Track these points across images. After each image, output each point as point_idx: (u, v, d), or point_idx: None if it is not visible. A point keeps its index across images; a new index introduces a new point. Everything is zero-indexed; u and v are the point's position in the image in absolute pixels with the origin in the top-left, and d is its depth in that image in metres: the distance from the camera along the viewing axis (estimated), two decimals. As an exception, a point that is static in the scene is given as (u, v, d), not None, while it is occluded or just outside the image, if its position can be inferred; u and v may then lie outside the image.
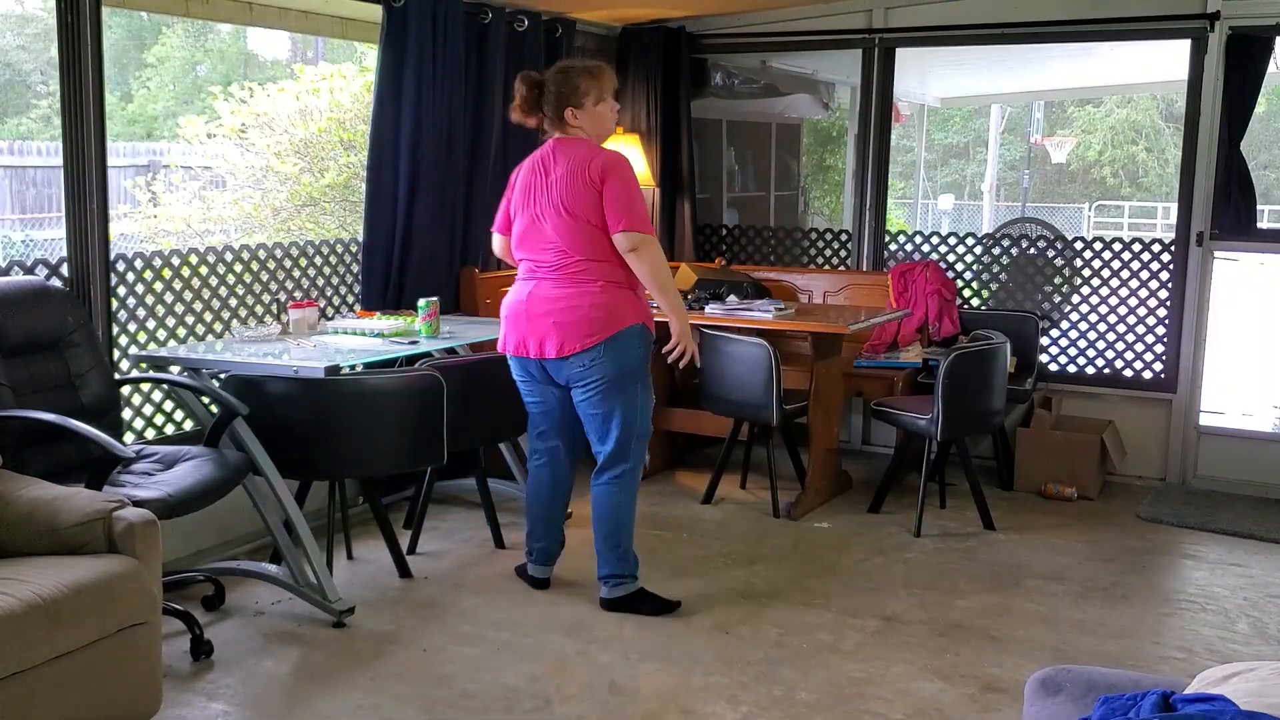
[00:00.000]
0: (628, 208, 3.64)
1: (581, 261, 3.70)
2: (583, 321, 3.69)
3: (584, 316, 3.69)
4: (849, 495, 5.32)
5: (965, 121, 19.40)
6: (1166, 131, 18.51)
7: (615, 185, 3.65)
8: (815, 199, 7.78)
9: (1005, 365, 4.90)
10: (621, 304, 3.72)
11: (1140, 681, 2.16)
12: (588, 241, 3.69)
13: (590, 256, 3.70)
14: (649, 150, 6.20)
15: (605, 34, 6.25)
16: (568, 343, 3.71)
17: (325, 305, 4.89)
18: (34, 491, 3.00)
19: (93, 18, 3.74)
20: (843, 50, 6.13)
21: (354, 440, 3.90)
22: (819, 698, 3.31)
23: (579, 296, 3.71)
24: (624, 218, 3.64)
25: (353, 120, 7.42)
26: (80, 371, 3.61)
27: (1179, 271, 5.51)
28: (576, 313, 3.70)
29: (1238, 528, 4.93)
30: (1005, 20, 5.66)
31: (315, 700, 3.26)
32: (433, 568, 4.31)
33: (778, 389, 4.77)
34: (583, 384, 3.77)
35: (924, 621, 3.89)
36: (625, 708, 3.25)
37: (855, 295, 5.93)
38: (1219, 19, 5.23)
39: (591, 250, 3.69)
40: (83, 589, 2.72)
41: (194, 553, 4.23)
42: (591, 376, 3.74)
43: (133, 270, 4.13)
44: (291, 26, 4.98)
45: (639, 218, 3.66)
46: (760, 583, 4.21)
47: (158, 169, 10.15)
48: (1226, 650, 3.72)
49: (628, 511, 3.95)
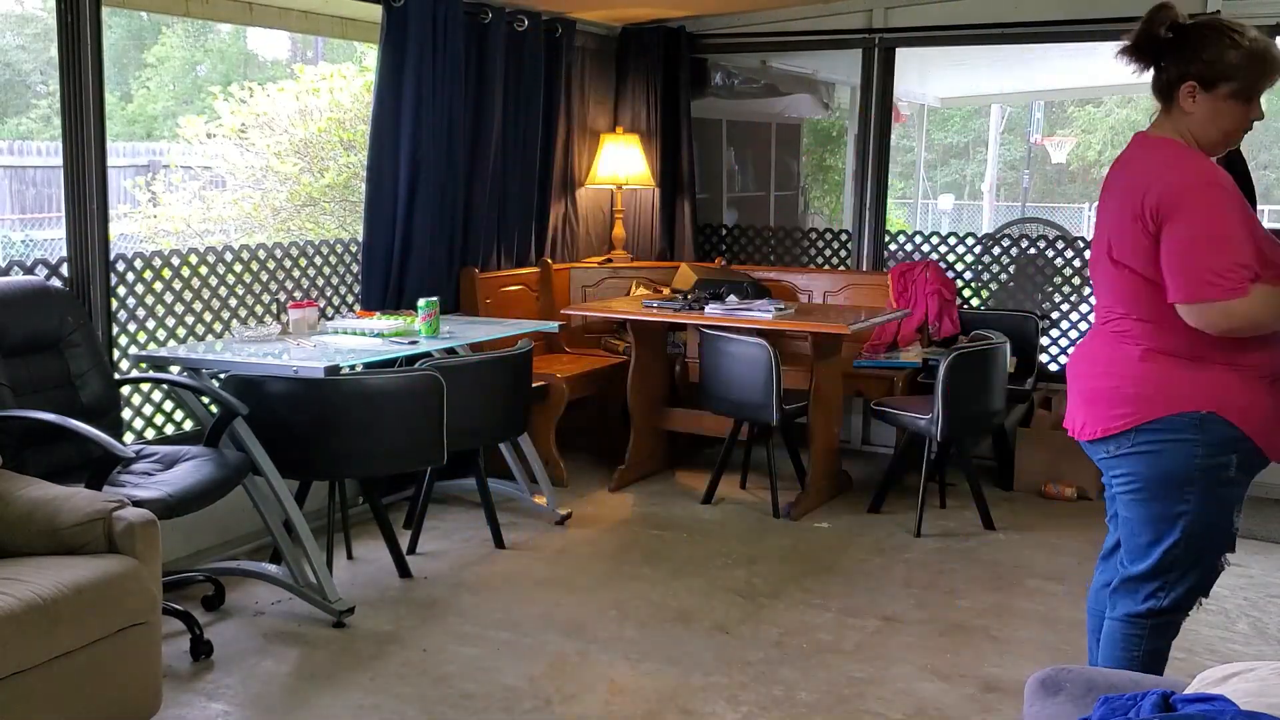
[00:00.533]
0: (1187, 265, 2.48)
1: (1125, 319, 2.65)
2: (1112, 397, 2.65)
3: (1113, 390, 2.65)
4: (849, 495, 5.32)
5: (965, 121, 19.39)
6: (1166, 131, 18.47)
7: (1178, 231, 2.51)
8: (815, 199, 7.78)
9: (1005, 365, 4.90)
10: (1171, 380, 2.59)
11: (1140, 681, 2.16)
12: (1134, 296, 2.61)
13: (1137, 314, 2.62)
14: (649, 150, 6.20)
15: (605, 34, 6.25)
16: (1091, 421, 2.71)
17: (325, 305, 4.89)
18: (34, 491, 3.00)
19: (93, 18, 3.74)
20: (843, 50, 6.12)
21: (354, 440, 3.90)
22: (819, 698, 3.30)
23: (1114, 364, 2.66)
24: (1181, 281, 2.48)
25: (353, 120, 7.42)
26: (80, 371, 3.61)
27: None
28: (1105, 380, 2.68)
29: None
30: (1005, 20, 5.66)
31: (315, 700, 3.26)
32: (433, 568, 4.31)
33: (778, 389, 4.77)
34: (1112, 477, 2.74)
35: (924, 621, 3.89)
36: (625, 708, 3.25)
37: (855, 295, 5.93)
38: (1219, 19, 5.22)
39: (1139, 306, 2.61)
40: (83, 589, 2.72)
41: (194, 553, 4.23)
42: (1119, 470, 2.70)
43: (132, 270, 4.13)
44: (291, 26, 4.99)
45: (1203, 279, 2.45)
46: (760, 583, 4.21)
47: (158, 169, 10.15)
48: (1226, 650, 3.72)
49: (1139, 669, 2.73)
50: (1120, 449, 2.64)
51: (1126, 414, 2.61)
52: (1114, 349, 2.66)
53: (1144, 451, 2.61)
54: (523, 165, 5.58)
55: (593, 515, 4.96)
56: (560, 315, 5.57)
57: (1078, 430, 2.75)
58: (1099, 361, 2.70)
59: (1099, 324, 2.74)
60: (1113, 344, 2.67)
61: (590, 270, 6.06)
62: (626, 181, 6.11)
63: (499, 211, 5.50)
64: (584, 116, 6.17)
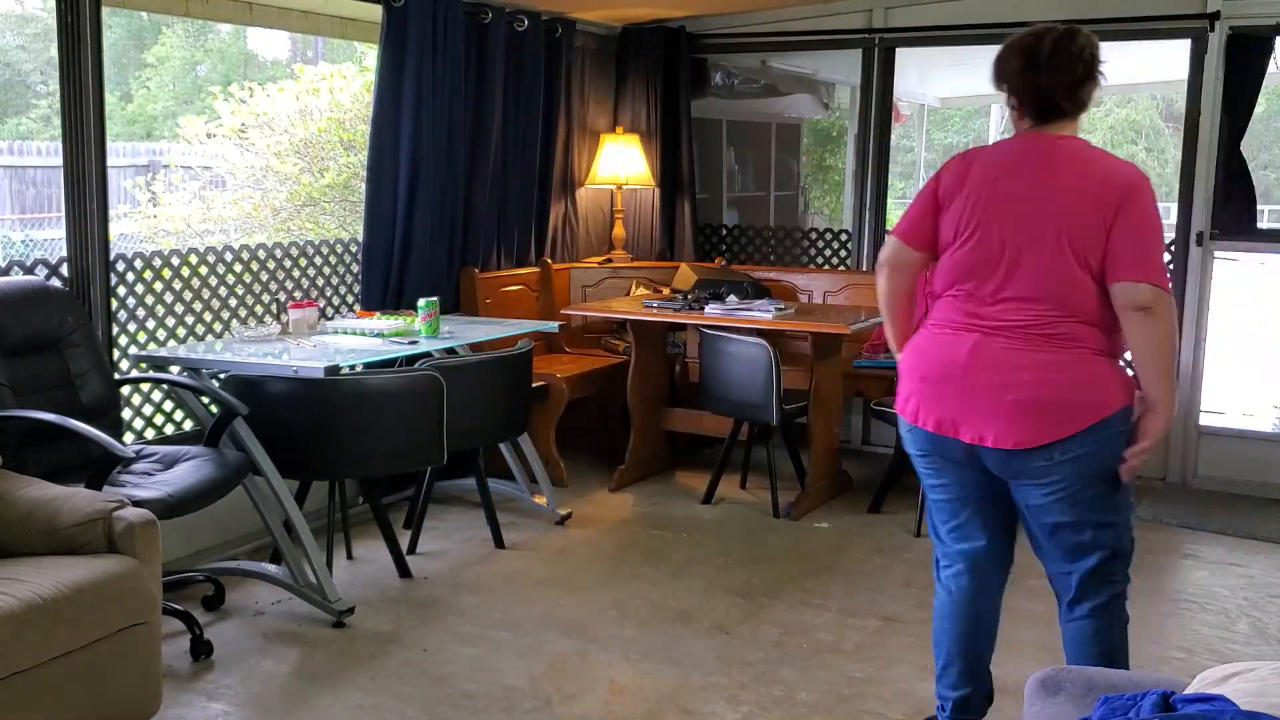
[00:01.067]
0: (1151, 250, 2.59)
1: (1068, 321, 2.63)
2: (1062, 403, 2.62)
3: (1063, 396, 2.62)
4: (849, 495, 5.32)
5: (965, 121, 19.37)
6: (1166, 131, 18.51)
7: (1136, 215, 2.57)
8: (815, 199, 7.78)
9: (1005, 365, 4.89)
10: (1110, 379, 2.67)
11: (1140, 681, 2.16)
12: (1087, 300, 2.62)
13: (1079, 316, 2.63)
14: (649, 150, 6.20)
15: (605, 34, 6.25)
16: (1034, 431, 2.61)
17: (325, 305, 4.89)
18: (34, 491, 3.00)
19: (93, 18, 3.74)
20: (843, 50, 6.13)
21: (354, 440, 3.90)
22: (819, 698, 3.30)
23: (1059, 368, 2.62)
24: (1143, 263, 2.57)
25: (353, 120, 7.42)
26: (80, 371, 3.61)
27: (1179, 271, 5.50)
28: (1052, 390, 2.62)
29: (1238, 528, 4.93)
30: (1005, 20, 5.63)
31: (315, 700, 3.26)
32: (433, 568, 4.31)
33: (778, 389, 4.77)
34: (1046, 483, 2.67)
35: (924, 621, 3.88)
36: (625, 708, 3.25)
37: (855, 295, 5.92)
38: (1219, 19, 5.23)
39: (1080, 305, 2.62)
40: (83, 589, 2.72)
41: (194, 553, 4.23)
42: (1060, 475, 2.65)
43: (132, 270, 4.13)
44: (291, 26, 4.99)
45: (1158, 265, 2.60)
46: (760, 583, 4.21)
47: (157, 169, 10.14)
48: (1226, 650, 3.72)
49: (1125, 654, 2.83)
50: (1067, 453, 2.62)
51: (1084, 417, 2.61)
52: (1064, 354, 2.63)
53: (1091, 451, 2.63)
54: (523, 165, 5.58)
55: (593, 515, 4.96)
56: (560, 315, 5.57)
57: (1016, 440, 2.63)
58: (1050, 368, 2.62)
59: (1021, 327, 2.64)
60: (1061, 349, 2.63)
61: (590, 270, 6.06)
62: (626, 181, 6.11)
63: (499, 211, 5.50)
64: (584, 116, 6.17)
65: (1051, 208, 2.63)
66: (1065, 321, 2.63)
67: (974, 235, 2.71)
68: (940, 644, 2.99)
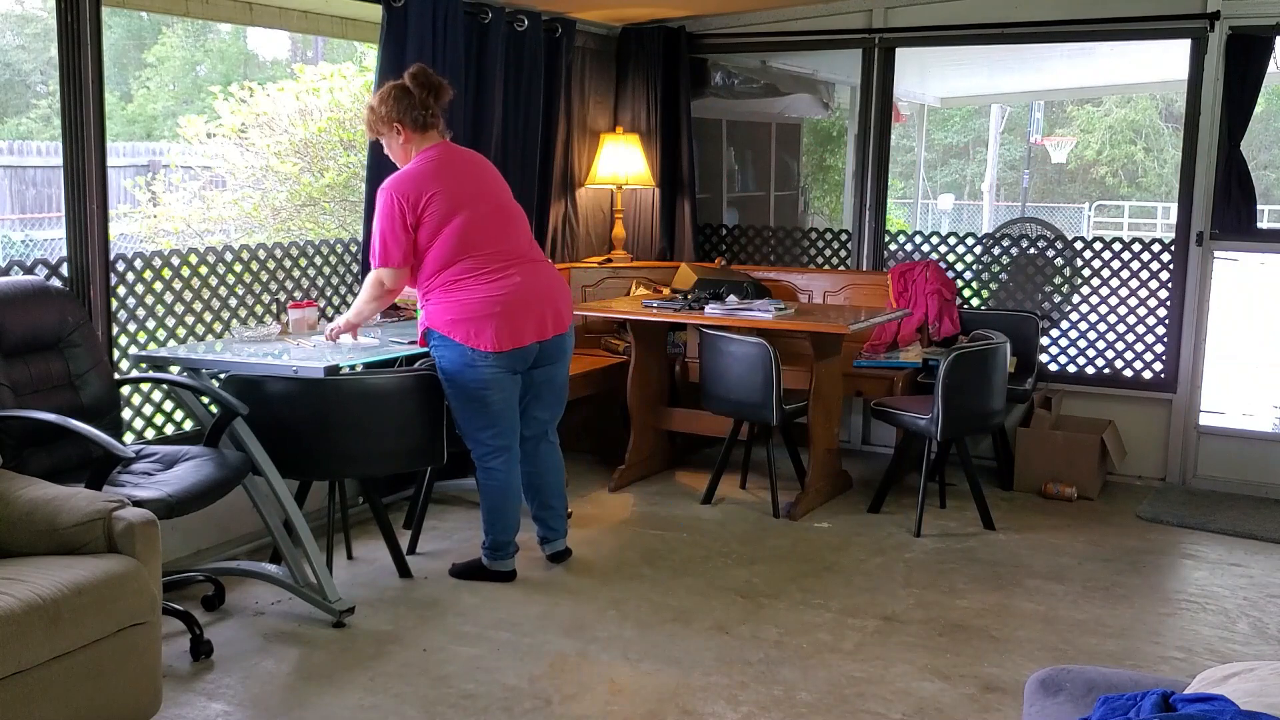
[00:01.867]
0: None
1: (537, 249, 4.12)
2: (567, 295, 4.14)
3: (566, 291, 4.17)
4: (849, 495, 5.32)
5: (965, 121, 19.39)
6: (1165, 131, 18.51)
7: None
8: (815, 199, 7.78)
9: (1005, 365, 4.90)
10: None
11: (1140, 681, 2.16)
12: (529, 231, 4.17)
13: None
14: (649, 150, 6.20)
15: (605, 34, 6.25)
16: (568, 315, 4.09)
17: (325, 305, 4.89)
18: (34, 491, 3.00)
19: (93, 18, 3.74)
20: (843, 50, 6.13)
21: (354, 440, 3.90)
22: (819, 698, 3.31)
23: (557, 275, 4.16)
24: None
25: (353, 120, 7.42)
26: (80, 371, 3.61)
27: (1179, 271, 5.51)
28: (565, 288, 4.15)
29: (1238, 528, 4.93)
30: (1005, 20, 5.66)
31: (315, 700, 3.26)
32: (433, 568, 4.31)
33: (777, 389, 4.77)
34: (564, 354, 4.14)
35: (924, 621, 3.89)
36: (625, 708, 3.25)
37: (855, 295, 5.93)
38: (1219, 19, 5.23)
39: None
40: (83, 589, 2.72)
41: (194, 553, 4.23)
42: (570, 344, 4.16)
43: (132, 270, 4.13)
44: (291, 26, 4.98)
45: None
46: (760, 583, 4.21)
47: (158, 169, 10.15)
48: (1226, 650, 3.72)
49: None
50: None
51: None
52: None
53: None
54: (523, 165, 5.58)
55: (593, 515, 4.96)
56: (560, 315, 5.56)
57: (557, 328, 4.01)
58: (558, 278, 4.14)
59: (536, 257, 4.05)
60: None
61: (590, 270, 6.06)
62: (626, 181, 6.11)
63: (499, 211, 5.49)
64: (584, 116, 6.17)
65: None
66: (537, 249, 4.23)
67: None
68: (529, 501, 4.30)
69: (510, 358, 3.92)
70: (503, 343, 3.88)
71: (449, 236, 3.85)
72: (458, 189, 3.89)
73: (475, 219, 3.88)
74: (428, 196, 3.84)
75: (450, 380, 3.93)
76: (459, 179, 3.93)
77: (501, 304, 3.87)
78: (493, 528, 4.11)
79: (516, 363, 3.96)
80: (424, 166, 3.89)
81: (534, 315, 3.94)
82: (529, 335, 3.93)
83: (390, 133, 3.92)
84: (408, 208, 3.83)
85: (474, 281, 3.86)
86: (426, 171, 3.87)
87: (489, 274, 3.88)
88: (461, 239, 3.85)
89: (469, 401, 3.94)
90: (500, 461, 4.03)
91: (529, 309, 3.92)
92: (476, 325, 3.85)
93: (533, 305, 3.93)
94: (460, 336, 3.86)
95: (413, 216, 3.83)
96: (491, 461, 4.03)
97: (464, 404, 3.95)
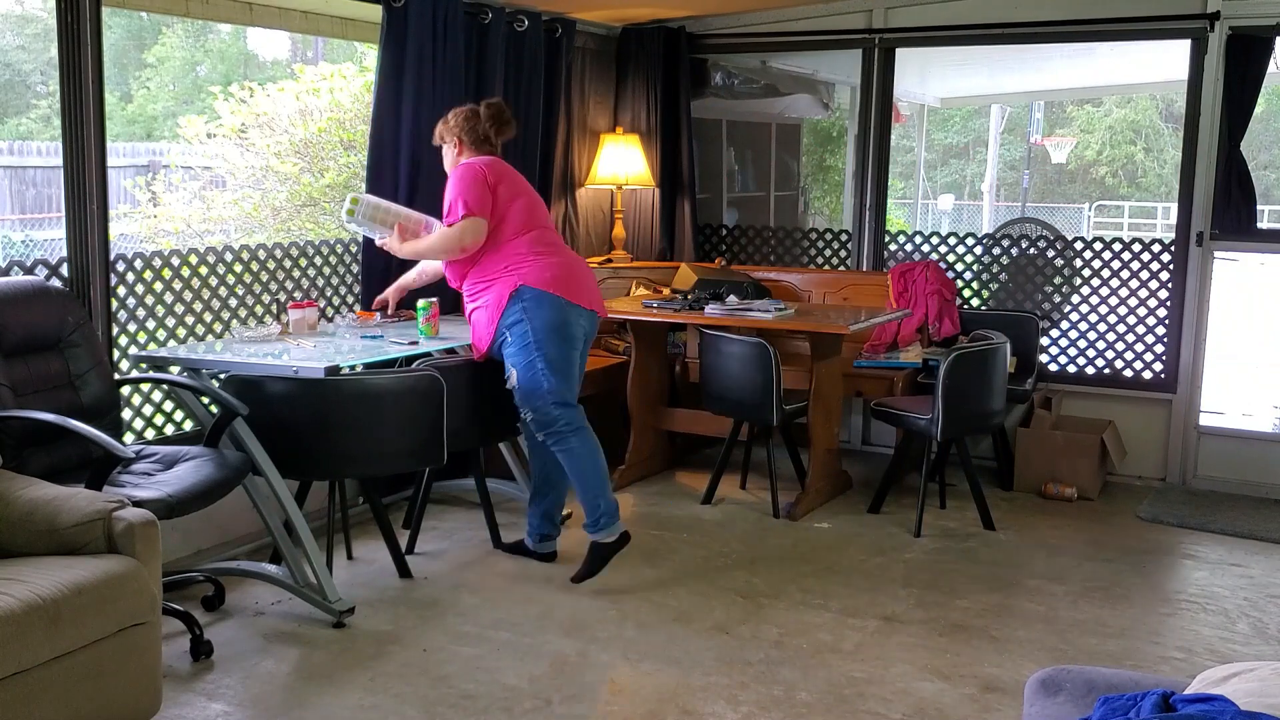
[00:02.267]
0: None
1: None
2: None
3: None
4: (849, 495, 5.32)
5: (965, 121, 19.39)
6: (1166, 131, 18.51)
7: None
8: (815, 199, 7.78)
9: (1005, 365, 4.90)
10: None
11: (1140, 681, 2.16)
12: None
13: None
14: (649, 150, 6.20)
15: (605, 34, 6.25)
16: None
17: (325, 305, 4.89)
18: (34, 491, 3.00)
19: (93, 18, 3.74)
20: (843, 50, 6.13)
21: (354, 440, 3.90)
22: (819, 698, 3.31)
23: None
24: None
25: (353, 120, 7.41)
26: (80, 371, 3.61)
27: (1179, 271, 5.51)
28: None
29: (1238, 528, 4.93)
30: (1005, 20, 5.66)
31: (315, 700, 3.26)
32: (432, 568, 4.31)
33: (778, 389, 4.77)
34: (594, 337, 4.27)
35: (924, 621, 3.89)
36: (625, 708, 3.25)
37: (855, 295, 5.93)
38: (1219, 19, 5.23)
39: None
40: (83, 589, 2.72)
41: (194, 553, 4.23)
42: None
43: (133, 270, 4.13)
44: (291, 26, 4.98)
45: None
46: (760, 583, 4.21)
47: (158, 169, 10.15)
48: (1226, 650, 3.72)
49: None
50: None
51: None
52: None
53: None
54: (523, 165, 5.56)
55: (593, 515, 4.95)
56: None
57: (601, 309, 4.25)
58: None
59: (563, 242, 4.27)
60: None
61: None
62: (626, 181, 6.11)
63: (499, 211, 5.49)
64: (584, 116, 6.17)
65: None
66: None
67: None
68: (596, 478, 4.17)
69: (591, 319, 4.15)
70: (593, 303, 4.16)
71: (520, 210, 4.11)
72: (515, 179, 4.20)
73: (532, 203, 4.17)
74: (497, 177, 4.11)
75: (544, 339, 4.01)
76: (513, 174, 4.22)
77: (581, 270, 4.20)
78: (600, 489, 4.14)
79: (590, 327, 4.17)
80: (486, 159, 4.17)
81: (594, 290, 4.22)
82: (598, 305, 4.19)
83: (451, 143, 4.23)
84: (489, 175, 4.08)
85: (561, 251, 4.17)
86: (491, 162, 4.16)
87: (559, 247, 4.19)
88: (530, 215, 4.14)
89: (562, 362, 4.04)
90: (585, 422, 4.14)
91: (591, 283, 4.21)
92: (576, 286, 4.09)
93: (591, 281, 4.22)
94: (561, 290, 4.04)
95: (491, 184, 4.07)
96: (581, 423, 4.12)
97: (556, 364, 4.03)
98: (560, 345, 4.03)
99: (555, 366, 4.02)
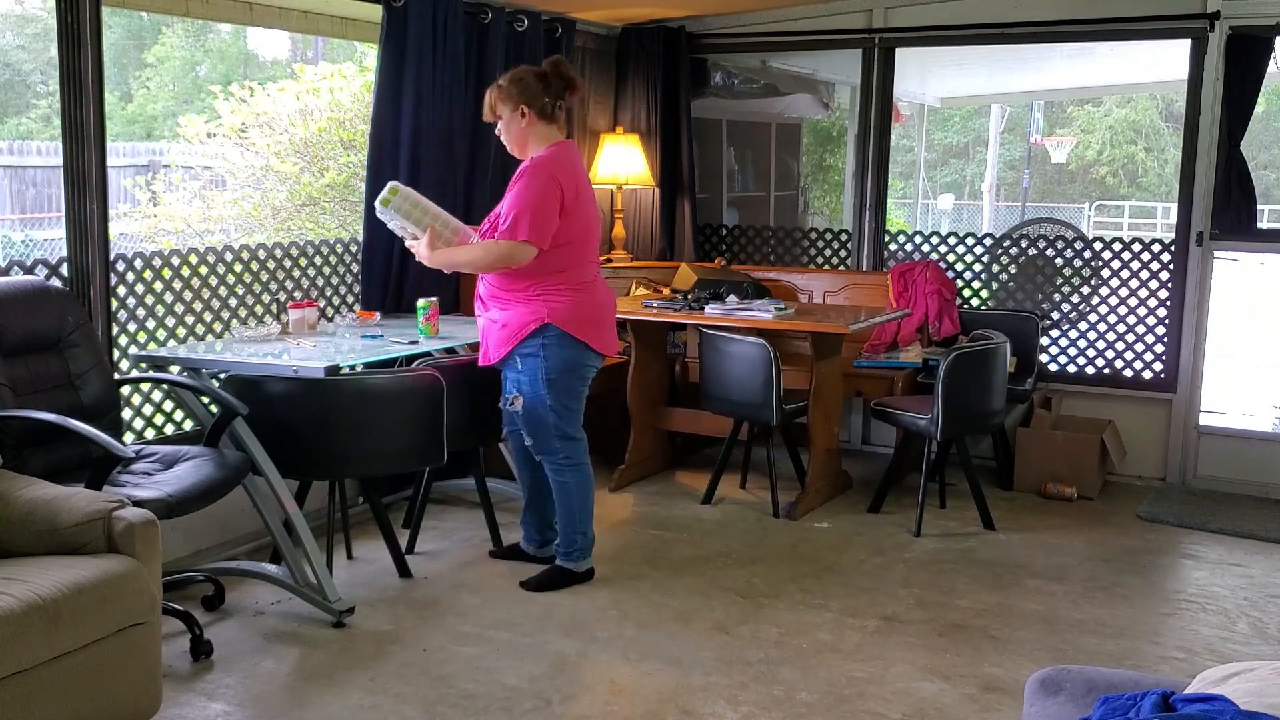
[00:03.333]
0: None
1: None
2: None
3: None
4: (849, 495, 5.32)
5: (965, 121, 19.38)
6: (1166, 131, 18.51)
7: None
8: (815, 199, 7.78)
9: (1005, 365, 4.90)
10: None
11: (1140, 681, 2.16)
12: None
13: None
14: (649, 150, 6.20)
15: (605, 34, 6.25)
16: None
17: (325, 305, 4.89)
18: (34, 491, 3.00)
19: (93, 18, 3.74)
20: (843, 50, 6.13)
21: (354, 440, 3.90)
22: (819, 698, 3.31)
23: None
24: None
25: (353, 120, 7.41)
26: (80, 371, 3.61)
27: (1179, 271, 5.51)
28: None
29: (1238, 528, 4.93)
30: (1005, 20, 5.66)
31: (315, 700, 3.26)
32: (432, 568, 4.31)
33: (777, 389, 4.77)
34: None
35: (924, 621, 3.89)
36: (625, 708, 3.25)
37: (855, 295, 5.93)
38: (1219, 19, 5.23)
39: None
40: (83, 589, 2.72)
41: (194, 553, 4.23)
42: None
43: (132, 270, 4.13)
44: (291, 26, 4.98)
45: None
46: (760, 583, 4.21)
47: (158, 169, 10.14)
48: (1226, 650, 3.72)
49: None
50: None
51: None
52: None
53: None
54: (523, 165, 5.58)
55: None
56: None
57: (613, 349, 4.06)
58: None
59: (599, 274, 4.04)
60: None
61: (590, 270, 6.06)
62: (626, 181, 6.11)
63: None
64: (584, 116, 6.17)
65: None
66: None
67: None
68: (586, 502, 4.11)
69: (601, 359, 4.03)
70: (608, 347, 4.01)
71: (580, 236, 3.88)
72: (589, 193, 3.92)
73: (589, 229, 3.93)
74: (575, 191, 3.82)
75: (556, 379, 3.90)
76: (588, 183, 3.95)
77: (608, 313, 4.03)
78: (583, 524, 4.10)
79: (599, 364, 4.04)
80: (571, 157, 3.88)
81: (613, 332, 4.07)
82: (612, 349, 4.05)
83: (514, 114, 3.83)
84: (566, 193, 3.79)
85: (595, 287, 3.97)
86: (577, 166, 3.89)
87: (595, 282, 3.99)
88: (588, 242, 3.93)
89: (573, 399, 3.98)
90: (586, 458, 4.08)
91: (613, 325, 4.06)
92: (599, 330, 3.95)
93: (613, 322, 4.07)
94: (584, 335, 3.90)
95: (566, 205, 3.80)
96: (580, 459, 4.05)
97: (565, 403, 3.96)
98: (571, 382, 3.95)
99: (562, 401, 3.94)
